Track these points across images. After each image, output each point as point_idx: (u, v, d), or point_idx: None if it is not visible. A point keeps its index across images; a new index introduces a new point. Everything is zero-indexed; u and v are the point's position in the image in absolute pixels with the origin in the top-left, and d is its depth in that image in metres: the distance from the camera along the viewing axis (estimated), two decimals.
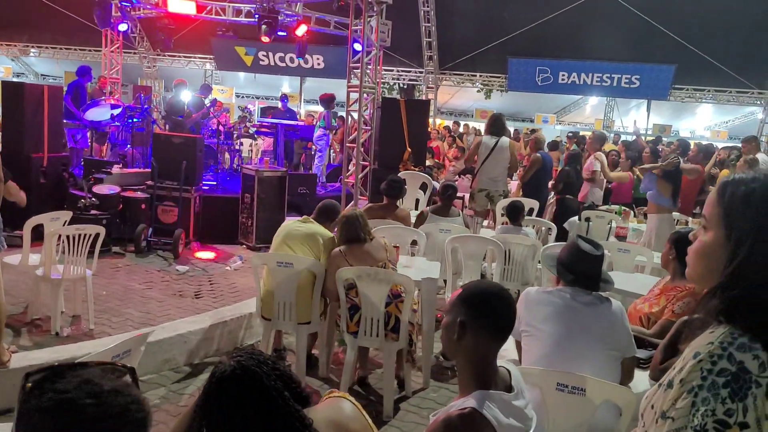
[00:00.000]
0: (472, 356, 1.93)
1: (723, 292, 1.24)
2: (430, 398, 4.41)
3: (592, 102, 21.33)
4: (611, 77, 16.05)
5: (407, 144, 9.25)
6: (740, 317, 1.21)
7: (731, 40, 14.23)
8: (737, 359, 1.17)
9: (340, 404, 1.72)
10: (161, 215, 7.38)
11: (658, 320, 3.49)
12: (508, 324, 1.98)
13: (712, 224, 1.30)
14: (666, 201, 6.61)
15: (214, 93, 19.22)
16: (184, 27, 15.10)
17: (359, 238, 4.25)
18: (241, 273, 6.59)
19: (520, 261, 5.58)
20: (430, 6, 15.82)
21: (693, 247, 1.35)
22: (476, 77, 17.55)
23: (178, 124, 9.64)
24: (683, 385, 1.20)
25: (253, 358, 1.53)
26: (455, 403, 1.89)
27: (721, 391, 1.15)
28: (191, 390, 4.28)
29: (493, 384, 1.90)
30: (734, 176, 1.31)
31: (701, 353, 1.20)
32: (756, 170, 1.31)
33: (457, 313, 1.94)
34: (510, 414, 1.85)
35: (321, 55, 16.83)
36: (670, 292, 3.54)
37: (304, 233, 4.46)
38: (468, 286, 2.04)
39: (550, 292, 2.99)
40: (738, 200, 1.26)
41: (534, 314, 2.90)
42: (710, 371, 1.17)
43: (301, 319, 4.34)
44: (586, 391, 2.59)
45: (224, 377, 1.50)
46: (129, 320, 5.07)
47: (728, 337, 1.20)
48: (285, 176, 7.89)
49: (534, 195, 8.19)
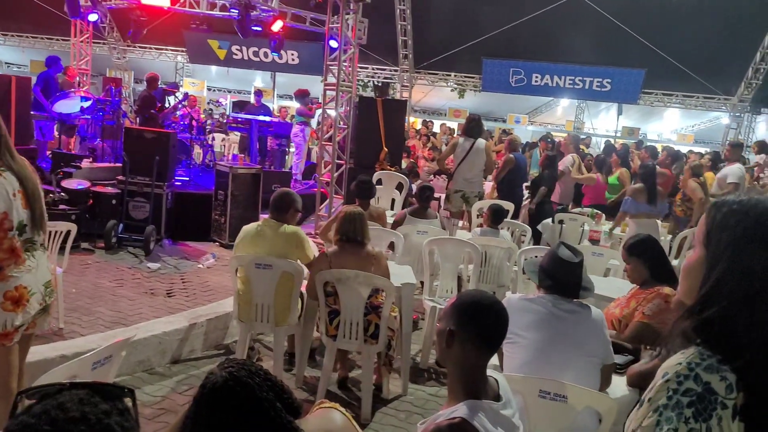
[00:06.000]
0: (461, 365, 1.94)
1: (697, 313, 1.26)
2: (408, 401, 4.41)
3: (563, 104, 21.59)
4: (583, 80, 16.33)
5: (383, 143, 9.24)
6: (712, 338, 1.23)
7: (699, 47, 14.57)
8: (704, 380, 1.18)
9: (331, 415, 1.71)
10: (132, 211, 7.24)
11: (629, 323, 3.54)
12: (497, 336, 1.99)
13: (698, 242, 1.34)
14: (643, 207, 6.67)
15: (185, 86, 19.13)
16: (156, 18, 14.86)
17: (355, 240, 4.21)
18: (214, 271, 6.51)
19: (497, 264, 5.61)
20: (406, 5, 15.83)
21: (684, 263, 1.39)
22: (450, 77, 17.64)
23: (150, 118, 9.48)
24: (651, 403, 1.22)
25: (244, 369, 1.50)
26: (443, 411, 1.90)
27: (685, 410, 1.17)
28: (165, 393, 4.21)
29: (482, 393, 1.92)
30: (724, 198, 1.34)
31: (669, 373, 1.22)
32: (744, 194, 1.33)
33: (448, 322, 1.96)
34: (498, 423, 1.87)
35: (295, 51, 16.74)
36: (640, 295, 3.59)
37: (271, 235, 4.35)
38: (462, 295, 2.06)
39: (531, 299, 3.00)
40: (718, 221, 1.29)
41: (515, 321, 2.89)
42: (676, 391, 1.19)
43: (279, 321, 4.30)
44: (567, 398, 2.62)
45: (216, 388, 1.46)
46: (100, 319, 4.96)
47: (697, 357, 1.22)
48: (260, 173, 7.82)
49: (508, 196, 8.26)
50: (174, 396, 4.15)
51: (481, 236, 5.86)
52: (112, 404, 1.18)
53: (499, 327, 1.98)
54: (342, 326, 4.07)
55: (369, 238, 4.31)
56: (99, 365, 2.25)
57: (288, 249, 4.30)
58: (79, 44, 12.27)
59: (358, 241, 4.21)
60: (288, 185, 9.28)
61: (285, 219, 4.40)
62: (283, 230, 4.34)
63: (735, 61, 15.07)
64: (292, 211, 4.43)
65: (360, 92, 16.95)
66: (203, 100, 18.35)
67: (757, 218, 1.24)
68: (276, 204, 4.42)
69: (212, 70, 21.13)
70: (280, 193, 4.51)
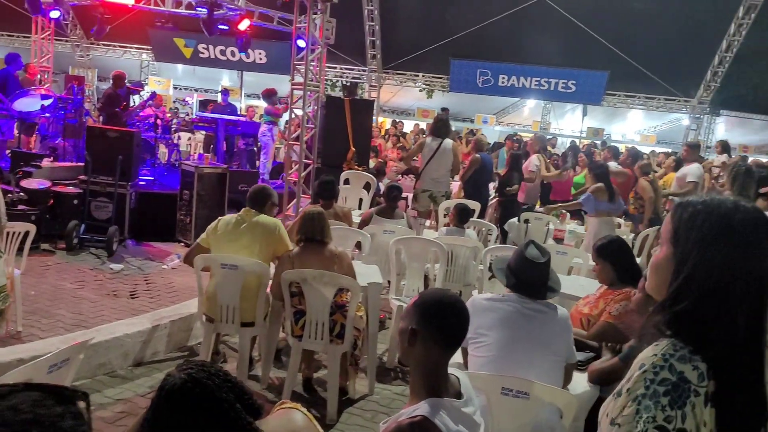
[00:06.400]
0: (423, 363, 1.95)
1: (669, 307, 1.32)
2: (374, 401, 4.41)
3: (530, 104, 21.85)
4: (548, 81, 16.52)
5: (351, 143, 9.24)
6: (683, 331, 1.29)
7: (660, 51, 14.89)
8: (678, 370, 1.25)
9: (292, 415, 1.70)
10: (94, 211, 7.12)
11: (596, 323, 3.59)
12: (459, 335, 2.00)
13: (664, 241, 1.40)
14: (604, 205, 6.79)
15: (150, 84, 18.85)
16: (121, 16, 14.60)
17: (315, 239, 4.20)
18: (178, 272, 6.43)
19: (463, 263, 5.65)
20: (374, 5, 15.84)
21: (651, 260, 1.45)
22: (419, 77, 17.70)
23: (114, 116, 9.32)
24: (630, 393, 1.28)
25: (204, 370, 1.50)
26: (405, 410, 1.90)
27: (662, 399, 1.24)
28: (127, 396, 4.14)
29: (443, 391, 1.93)
30: (688, 198, 1.41)
31: (646, 364, 1.28)
32: (706, 194, 1.39)
33: (410, 321, 1.96)
34: (459, 421, 1.88)
35: (263, 50, 16.61)
36: (609, 296, 3.64)
37: (250, 227, 4.35)
38: (424, 293, 2.07)
39: (497, 299, 3.02)
40: (685, 220, 1.35)
41: (480, 321, 2.92)
42: (652, 381, 1.26)
43: (244, 320, 4.26)
44: (529, 394, 2.65)
45: (174, 390, 1.45)
46: (60, 322, 4.87)
47: (670, 349, 1.28)
48: (226, 173, 7.75)
49: (474, 195, 8.32)
50: (136, 399, 4.09)
51: (447, 235, 5.89)
52: (66, 407, 1.16)
53: (460, 325, 1.99)
54: (308, 326, 4.05)
55: (330, 237, 4.31)
56: (56, 368, 2.21)
57: (266, 237, 4.32)
58: (41, 41, 12.04)
59: (319, 241, 4.21)
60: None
61: (263, 212, 4.46)
62: (263, 219, 4.39)
63: (695, 64, 15.42)
64: (269, 204, 4.52)
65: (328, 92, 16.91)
66: (169, 98, 18.15)
67: (721, 218, 1.31)
68: (253, 198, 4.48)
69: (178, 69, 20.87)
70: (257, 188, 4.64)
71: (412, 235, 5.98)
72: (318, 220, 4.25)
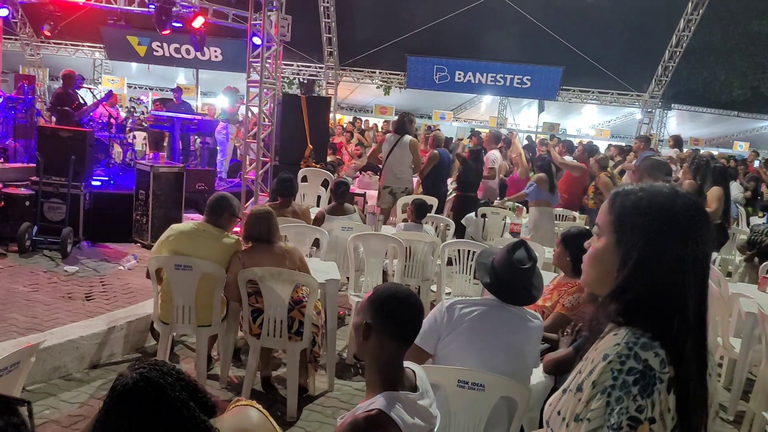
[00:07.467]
0: (378, 357, 1.97)
1: (620, 296, 1.31)
2: (334, 397, 4.43)
3: (486, 100, 22.07)
4: (504, 77, 16.73)
5: (309, 141, 9.23)
6: (639, 318, 1.28)
7: (612, 46, 15.26)
8: (642, 357, 1.22)
9: (247, 412, 1.70)
10: (47, 213, 6.97)
11: (551, 314, 3.67)
12: (413, 328, 2.02)
13: (604, 231, 1.39)
14: (544, 194, 7.05)
15: (104, 83, 18.45)
16: (72, 14, 14.27)
17: (262, 239, 4.19)
18: (135, 273, 6.33)
19: (421, 258, 5.70)
20: (329, 2, 15.80)
21: (587, 253, 1.43)
22: (376, 74, 17.72)
23: (66, 116, 9.10)
24: (595, 386, 1.24)
25: (156, 369, 1.48)
26: (362, 404, 1.92)
27: (632, 388, 1.20)
28: (83, 399, 4.08)
29: (399, 384, 1.95)
30: (624, 187, 1.40)
31: (610, 354, 1.24)
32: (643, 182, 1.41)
33: (365, 315, 1.99)
34: (415, 414, 1.91)
35: (219, 48, 16.39)
36: (563, 287, 3.72)
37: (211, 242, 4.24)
38: (378, 288, 2.08)
39: (476, 302, 2.94)
40: (628, 208, 1.34)
41: (456, 326, 2.84)
42: (620, 371, 1.22)
43: (201, 321, 4.23)
44: (485, 386, 2.70)
45: (126, 390, 1.44)
46: (13, 326, 4.75)
47: (632, 337, 1.25)
48: (182, 172, 7.65)
49: (433, 191, 8.38)
50: (92, 402, 4.03)
51: (405, 231, 5.94)
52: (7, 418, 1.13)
53: (414, 319, 2.02)
54: (266, 324, 4.05)
55: (279, 234, 4.29)
56: (5, 372, 2.17)
57: (226, 259, 4.19)
58: None
59: (267, 239, 4.18)
60: (212, 184, 9.13)
61: (220, 223, 4.30)
62: (226, 240, 4.25)
63: (646, 59, 15.83)
64: (226, 215, 4.32)
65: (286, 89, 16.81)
66: (124, 97, 17.77)
67: (664, 204, 1.31)
68: (210, 208, 4.32)
69: (132, 67, 20.47)
70: (216, 197, 4.40)
71: (367, 230, 6.01)
72: (264, 219, 4.20)
